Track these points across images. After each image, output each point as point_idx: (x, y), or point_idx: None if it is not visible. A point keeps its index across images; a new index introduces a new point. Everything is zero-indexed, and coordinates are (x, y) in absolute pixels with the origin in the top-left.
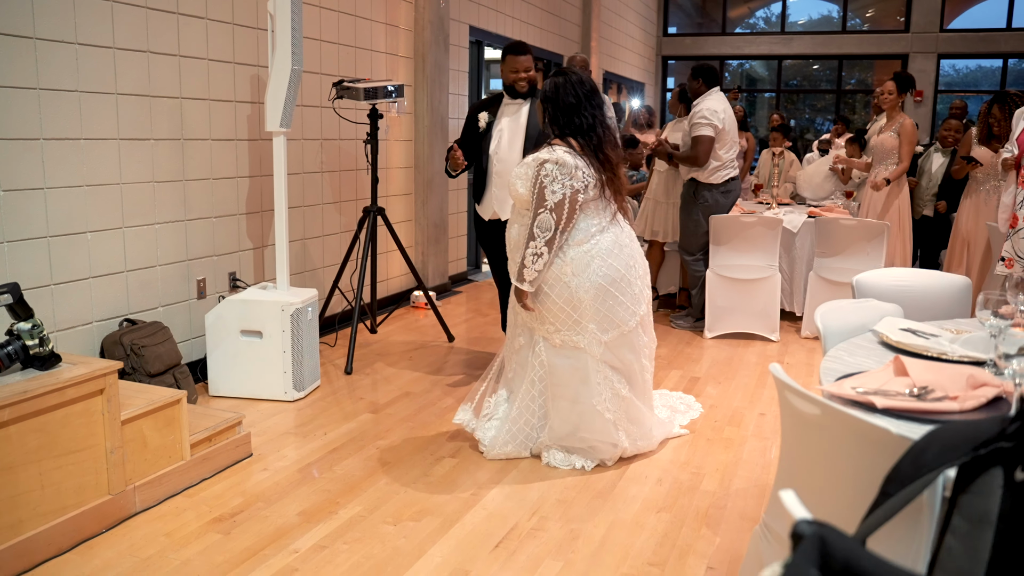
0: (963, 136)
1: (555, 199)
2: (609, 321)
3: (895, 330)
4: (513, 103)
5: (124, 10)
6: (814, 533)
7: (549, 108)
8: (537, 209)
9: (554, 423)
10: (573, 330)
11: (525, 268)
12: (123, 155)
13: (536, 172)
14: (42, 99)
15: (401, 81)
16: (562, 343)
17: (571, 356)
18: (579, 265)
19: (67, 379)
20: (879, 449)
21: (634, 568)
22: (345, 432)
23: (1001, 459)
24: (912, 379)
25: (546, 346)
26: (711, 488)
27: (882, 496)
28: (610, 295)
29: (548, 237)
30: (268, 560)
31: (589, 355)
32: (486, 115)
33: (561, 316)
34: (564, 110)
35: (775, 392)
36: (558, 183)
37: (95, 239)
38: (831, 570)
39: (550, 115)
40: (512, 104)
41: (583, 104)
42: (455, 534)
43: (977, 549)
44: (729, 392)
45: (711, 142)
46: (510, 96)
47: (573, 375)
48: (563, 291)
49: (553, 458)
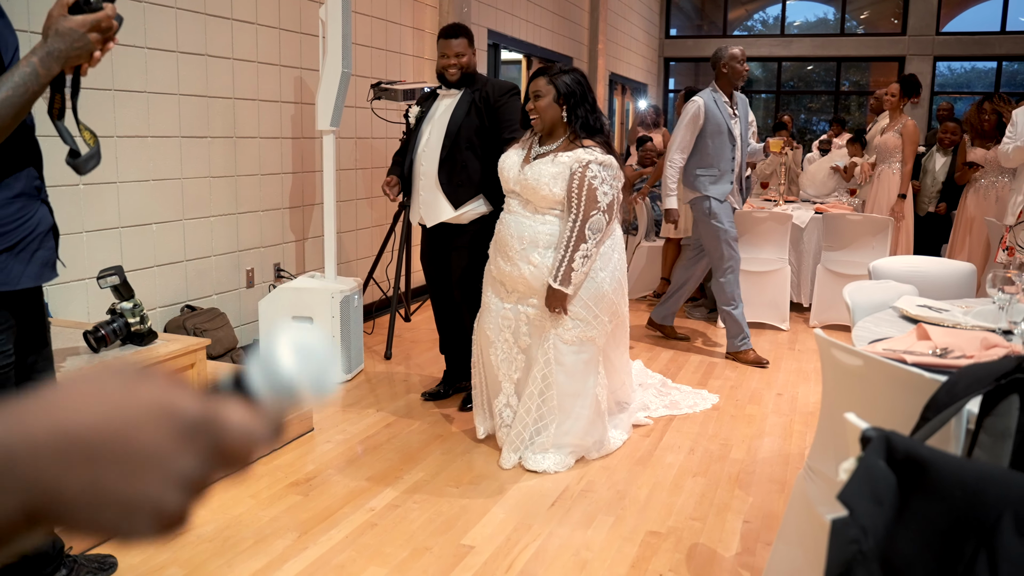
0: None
1: (607, 200)
2: (616, 311)
3: (913, 305)
4: (449, 95)
5: (186, 16)
6: (879, 435)
7: (573, 103)
8: (589, 211)
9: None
10: (591, 324)
11: (573, 271)
12: (184, 152)
13: (581, 173)
14: (116, 99)
15: (427, 81)
16: (575, 339)
17: (582, 350)
18: (604, 259)
19: (165, 353)
20: (912, 391)
21: (679, 522)
22: (394, 410)
23: (1018, 387)
24: (934, 342)
25: (556, 344)
26: (739, 456)
27: (922, 420)
28: (621, 286)
29: (599, 238)
30: (348, 517)
31: (597, 346)
32: (417, 109)
33: (582, 312)
34: (591, 108)
35: (788, 375)
36: (607, 184)
37: (159, 230)
38: (895, 460)
39: (576, 113)
40: (448, 96)
41: (595, 103)
42: (513, 495)
43: (999, 457)
44: (746, 375)
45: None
46: (444, 85)
47: (584, 369)
48: (590, 286)
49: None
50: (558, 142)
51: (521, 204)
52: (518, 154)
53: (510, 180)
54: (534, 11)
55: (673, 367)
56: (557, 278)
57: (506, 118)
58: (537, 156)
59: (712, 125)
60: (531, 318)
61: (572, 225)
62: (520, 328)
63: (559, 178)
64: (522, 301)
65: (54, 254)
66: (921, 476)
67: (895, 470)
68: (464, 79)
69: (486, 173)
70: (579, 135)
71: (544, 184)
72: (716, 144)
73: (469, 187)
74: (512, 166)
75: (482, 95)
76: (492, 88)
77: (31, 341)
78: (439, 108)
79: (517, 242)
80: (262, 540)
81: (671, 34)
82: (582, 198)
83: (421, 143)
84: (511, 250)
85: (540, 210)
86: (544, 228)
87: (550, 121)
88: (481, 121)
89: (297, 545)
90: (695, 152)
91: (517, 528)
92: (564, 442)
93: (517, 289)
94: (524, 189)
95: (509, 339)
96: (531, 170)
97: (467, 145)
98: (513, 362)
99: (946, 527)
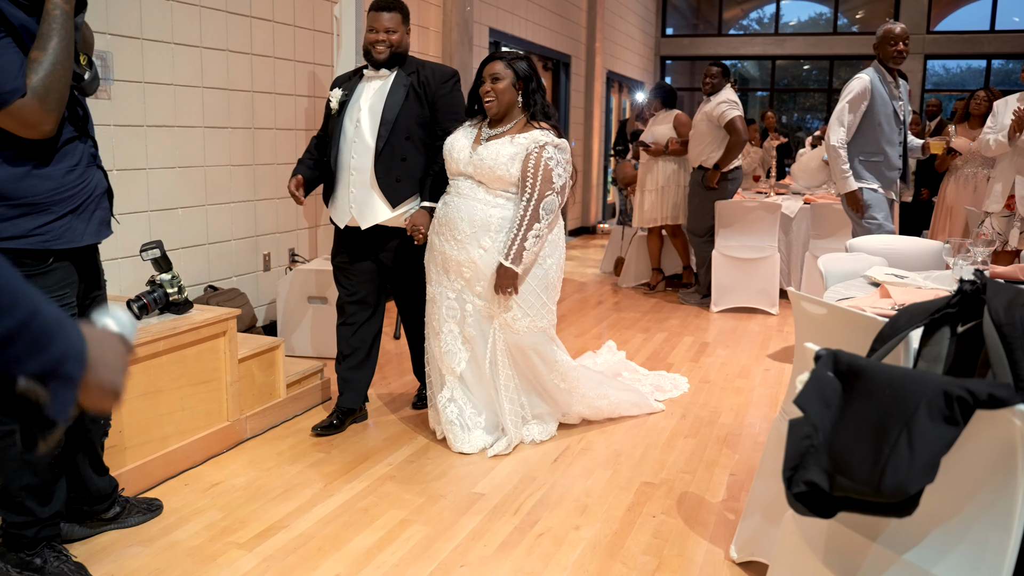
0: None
1: (560, 182)
2: (556, 298)
3: (881, 273)
4: (376, 76)
5: (209, 14)
6: (828, 352)
7: (531, 88)
8: (544, 191)
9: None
10: (540, 312)
11: (524, 251)
12: (207, 141)
13: (538, 153)
14: (146, 91)
15: None
16: (525, 328)
17: (533, 337)
18: (552, 246)
19: (201, 320)
20: (868, 333)
21: (671, 475)
22: (403, 383)
23: (948, 320)
24: (893, 299)
25: (504, 333)
26: (728, 422)
27: (871, 351)
28: (563, 272)
29: (551, 220)
30: (369, 470)
31: (547, 334)
32: (339, 92)
33: (531, 299)
34: (542, 92)
35: (776, 355)
36: (561, 167)
37: (184, 214)
38: (840, 371)
39: (532, 95)
40: (375, 78)
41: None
42: (518, 453)
43: None
44: (736, 353)
45: (743, 120)
46: (371, 66)
47: (538, 356)
48: (538, 272)
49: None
50: (510, 124)
51: (472, 187)
52: (467, 136)
53: (460, 162)
54: (533, 10)
55: (667, 347)
56: (509, 257)
57: (452, 109)
58: (489, 138)
59: (879, 105)
60: (478, 308)
61: (526, 204)
62: (466, 319)
63: (516, 159)
64: (467, 289)
65: (108, 213)
66: (859, 381)
67: (840, 379)
68: (393, 59)
69: (428, 167)
70: (536, 118)
71: (502, 164)
72: (883, 127)
73: (409, 183)
74: (462, 148)
75: (420, 80)
76: (432, 74)
77: (90, 294)
78: (364, 92)
79: (468, 225)
80: (291, 489)
81: (667, 33)
82: (537, 178)
83: (348, 133)
84: (460, 234)
85: (492, 192)
86: (496, 211)
87: (506, 104)
88: (422, 109)
89: (323, 493)
90: (856, 135)
91: (523, 479)
92: (538, 412)
93: (462, 276)
94: (478, 170)
95: (454, 329)
96: (485, 151)
97: (406, 135)
98: (456, 355)
99: (877, 419)
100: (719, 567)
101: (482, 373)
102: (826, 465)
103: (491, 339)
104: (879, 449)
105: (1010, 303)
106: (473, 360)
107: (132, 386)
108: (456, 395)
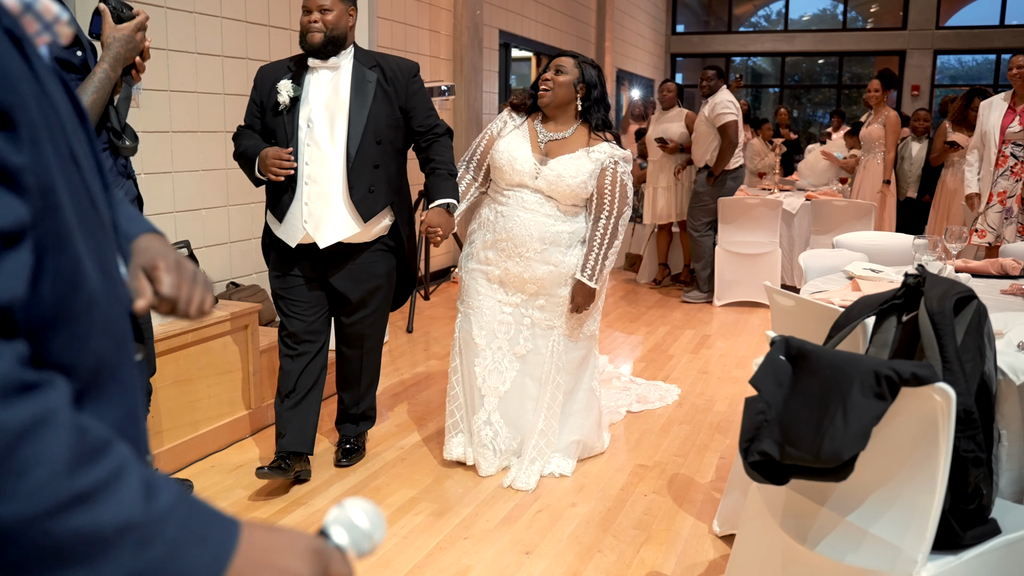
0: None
1: (631, 196)
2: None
3: (859, 268)
4: (324, 67)
5: (230, 24)
6: (781, 338)
7: (596, 96)
8: (622, 208)
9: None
10: (594, 318)
11: (604, 268)
12: (228, 145)
13: (614, 169)
14: (171, 99)
15: (443, 80)
16: (584, 336)
17: (584, 346)
18: None
19: (227, 314)
20: (829, 322)
21: (665, 457)
22: (416, 374)
23: (895, 310)
24: (863, 293)
25: (564, 343)
26: (722, 410)
27: (828, 339)
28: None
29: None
30: (381, 454)
31: (596, 338)
32: (289, 85)
33: (592, 310)
34: (607, 105)
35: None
36: (630, 180)
37: (207, 215)
38: (791, 355)
39: (596, 104)
40: (322, 68)
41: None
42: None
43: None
44: (736, 345)
45: (736, 125)
46: (309, 54)
47: (581, 363)
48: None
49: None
50: (569, 131)
51: (540, 201)
52: (522, 138)
53: (524, 174)
54: (543, 11)
55: (669, 340)
56: (593, 277)
57: (426, 105)
58: (547, 142)
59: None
60: (537, 321)
61: (606, 222)
62: (520, 332)
63: (593, 176)
64: (529, 303)
65: None
66: (806, 363)
67: (790, 361)
68: (329, 44)
69: (403, 173)
70: (600, 128)
71: (581, 183)
72: None
73: (384, 193)
74: (525, 159)
75: (388, 76)
76: (399, 69)
77: None
78: (312, 86)
79: (538, 243)
80: None
81: (677, 30)
82: (615, 194)
83: (300, 135)
84: (528, 251)
85: (562, 207)
86: (565, 227)
87: (560, 100)
88: (391, 109)
89: (339, 474)
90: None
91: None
92: (568, 441)
93: (525, 290)
94: (552, 186)
95: (503, 346)
96: (560, 166)
97: (378, 139)
98: (503, 373)
99: (820, 394)
100: (703, 540)
101: (524, 392)
102: (777, 436)
103: (550, 350)
104: (819, 421)
105: (943, 295)
106: (519, 378)
107: (165, 375)
108: (494, 418)
